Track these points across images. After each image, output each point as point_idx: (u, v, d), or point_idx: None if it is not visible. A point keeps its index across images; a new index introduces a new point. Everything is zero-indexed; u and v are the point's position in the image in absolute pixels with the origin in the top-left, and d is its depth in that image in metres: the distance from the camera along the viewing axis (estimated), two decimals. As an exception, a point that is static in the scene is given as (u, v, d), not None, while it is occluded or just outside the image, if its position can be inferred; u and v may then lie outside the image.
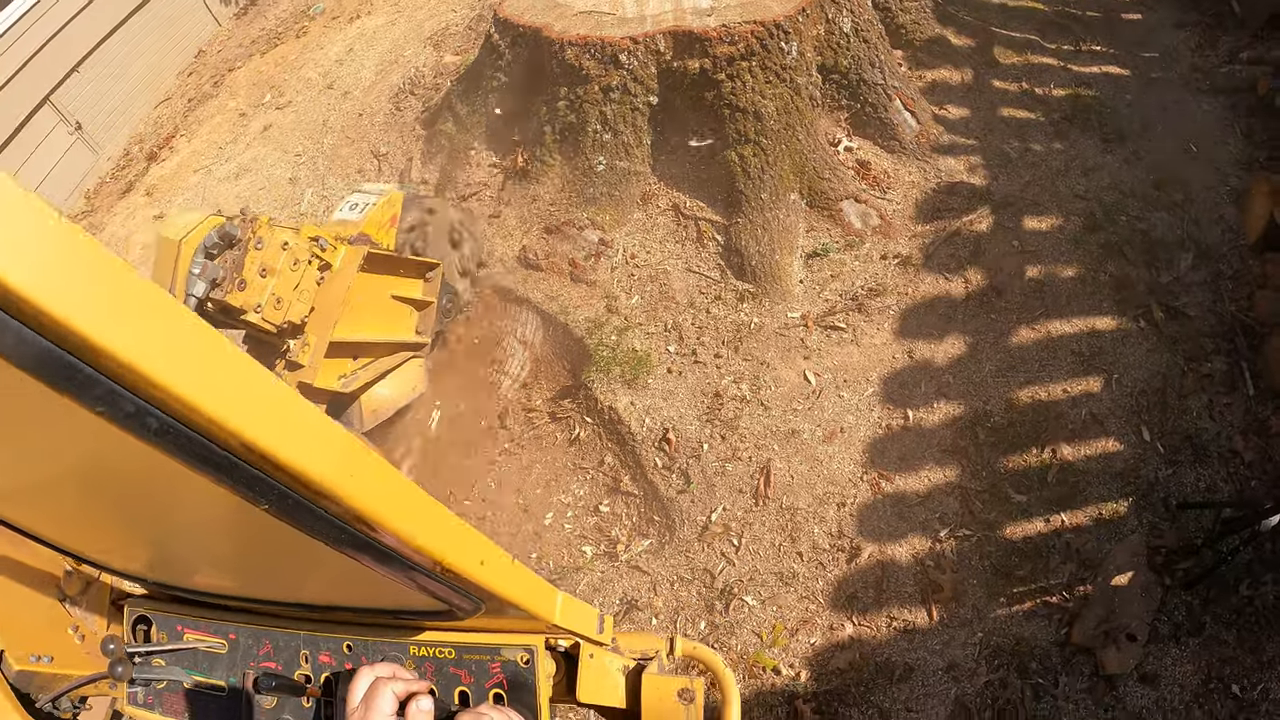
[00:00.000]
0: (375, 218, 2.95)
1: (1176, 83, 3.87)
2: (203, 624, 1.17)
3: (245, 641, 1.13)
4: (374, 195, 3.02)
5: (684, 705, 1.16)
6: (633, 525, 3.00)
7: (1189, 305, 3.27)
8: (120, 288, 0.47)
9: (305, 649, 1.09)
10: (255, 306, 2.57)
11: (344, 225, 2.89)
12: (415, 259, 3.02)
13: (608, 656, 1.18)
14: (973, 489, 2.92)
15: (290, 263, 2.60)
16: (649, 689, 1.17)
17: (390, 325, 3.03)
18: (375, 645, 1.06)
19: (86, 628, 1.35)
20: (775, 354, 3.16)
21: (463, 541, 0.80)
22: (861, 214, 3.39)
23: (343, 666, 1.07)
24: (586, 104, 3.59)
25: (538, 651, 1.03)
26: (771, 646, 2.72)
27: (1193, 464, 2.98)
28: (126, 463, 0.64)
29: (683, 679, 1.18)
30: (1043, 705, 2.66)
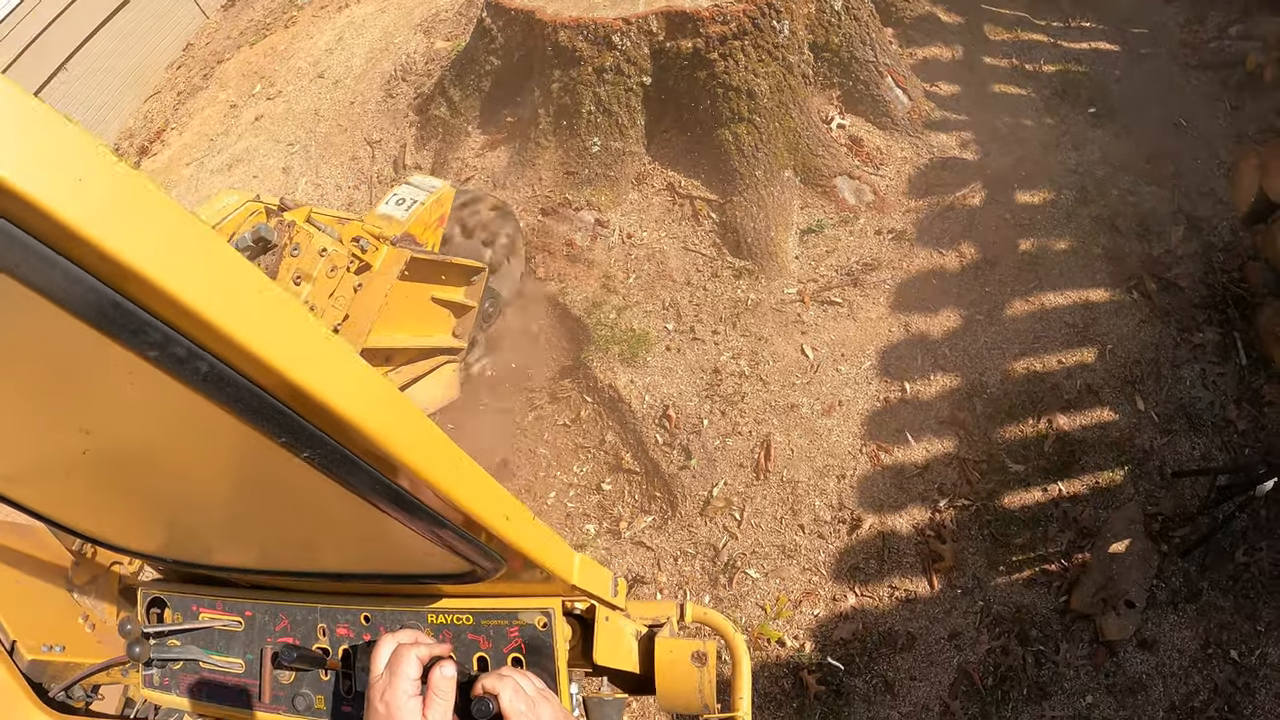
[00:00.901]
0: (423, 217, 2.68)
1: (1165, 58, 3.86)
2: (218, 603, 1.15)
3: (261, 618, 1.12)
4: (423, 191, 2.74)
5: (697, 667, 1.17)
6: (635, 502, 2.98)
7: (1181, 277, 3.27)
8: (172, 227, 0.44)
9: (322, 622, 1.08)
10: None
11: (388, 222, 2.61)
12: (460, 263, 2.75)
13: (622, 620, 1.18)
14: (971, 459, 2.90)
15: (327, 269, 2.36)
16: (662, 651, 1.18)
17: (427, 329, 2.79)
18: (393, 615, 1.04)
19: (96, 616, 1.35)
20: (773, 329, 3.14)
21: (489, 495, 0.79)
22: (855, 190, 3.37)
23: (361, 638, 1.05)
24: (580, 86, 3.55)
25: (555, 614, 1.02)
26: (775, 619, 2.70)
27: (1187, 433, 2.98)
28: (158, 424, 0.64)
29: (696, 642, 1.18)
30: (1044, 671, 2.66)
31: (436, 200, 2.75)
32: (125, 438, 0.71)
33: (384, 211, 2.67)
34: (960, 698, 2.63)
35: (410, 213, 2.65)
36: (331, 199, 4.45)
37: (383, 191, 4.33)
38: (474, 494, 0.76)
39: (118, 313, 0.43)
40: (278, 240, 2.41)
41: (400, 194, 2.73)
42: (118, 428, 0.67)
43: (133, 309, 0.44)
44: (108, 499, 0.96)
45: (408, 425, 0.66)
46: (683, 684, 1.17)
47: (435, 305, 2.77)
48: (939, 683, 2.64)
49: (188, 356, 0.47)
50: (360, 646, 1.05)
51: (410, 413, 0.67)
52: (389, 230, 2.53)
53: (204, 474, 0.80)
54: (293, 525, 0.93)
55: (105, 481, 0.86)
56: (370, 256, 2.43)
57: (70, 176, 0.38)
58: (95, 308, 0.42)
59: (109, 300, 0.42)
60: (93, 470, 0.81)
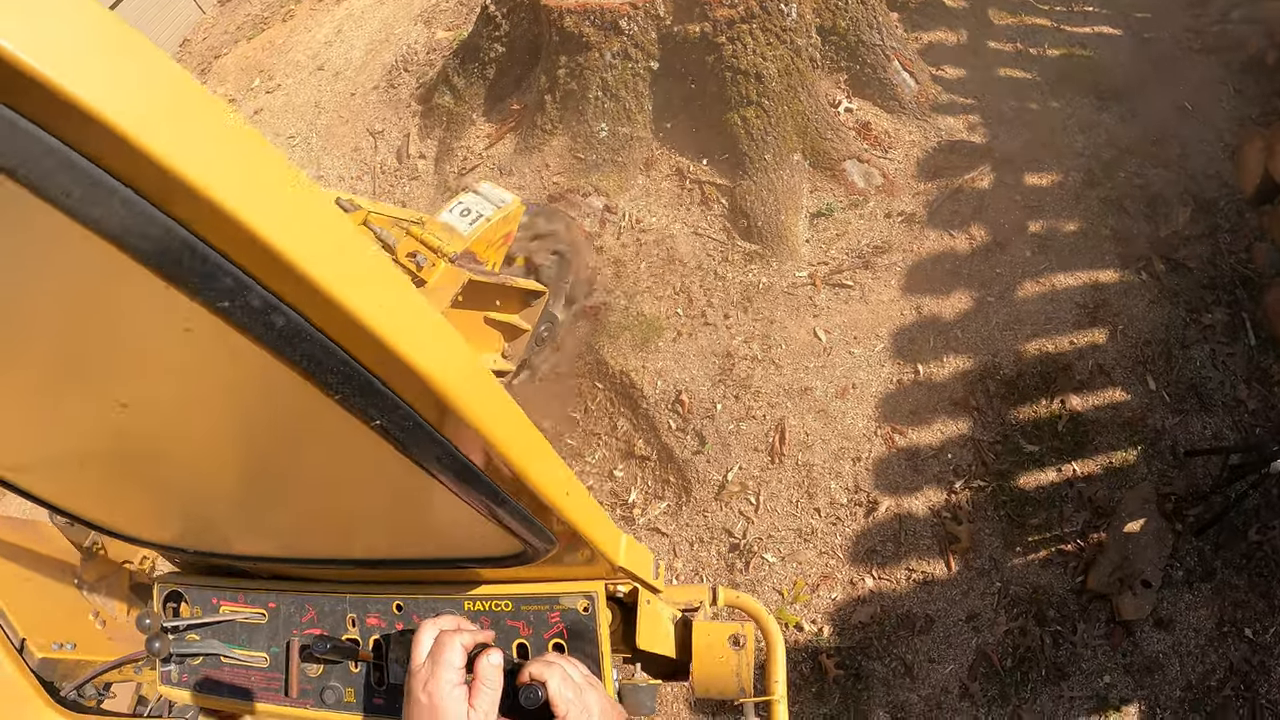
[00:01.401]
0: (487, 234, 2.43)
1: (1169, 42, 3.84)
2: (239, 595, 1.10)
3: (286, 609, 1.06)
4: (490, 205, 2.47)
5: (735, 651, 1.14)
6: (649, 488, 2.93)
7: (1189, 258, 3.25)
8: (251, 155, 0.38)
9: (352, 612, 1.03)
10: None
11: (449, 235, 2.35)
12: (520, 287, 2.53)
13: (660, 604, 1.14)
14: (985, 440, 2.87)
15: None
16: (700, 635, 1.15)
17: (476, 352, 2.44)
18: (428, 603, 1.00)
19: (107, 613, 1.31)
20: (785, 313, 3.10)
21: (555, 469, 0.75)
22: (864, 173, 3.33)
23: (393, 627, 1.01)
24: (587, 71, 3.50)
25: (598, 598, 0.99)
26: (793, 603, 2.66)
27: (1198, 412, 2.96)
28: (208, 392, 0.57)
29: (733, 625, 1.16)
30: (1061, 652, 2.63)
31: (505, 217, 2.49)
32: (165, 412, 0.63)
33: (446, 220, 2.40)
34: (979, 679, 2.60)
35: (474, 227, 2.39)
36: (334, 189, 4.38)
37: (387, 182, 4.27)
38: (542, 468, 0.71)
39: (188, 255, 0.37)
40: None
41: (465, 203, 2.46)
42: (160, 397, 0.60)
43: (205, 250, 0.37)
44: (126, 488, 0.90)
45: (487, 394, 0.61)
46: (721, 668, 1.14)
47: (488, 326, 2.56)
48: (958, 664, 2.61)
49: (263, 308, 0.41)
50: (393, 636, 1.00)
51: (488, 381, 0.62)
52: (449, 245, 2.29)
53: (245, 451, 0.73)
54: (331, 508, 0.88)
55: (126, 469, 0.80)
56: (425, 273, 2.19)
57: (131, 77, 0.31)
58: (160, 247, 0.36)
59: (179, 240, 0.36)
60: (115, 457, 0.74)
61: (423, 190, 3.98)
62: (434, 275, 2.21)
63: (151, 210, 0.35)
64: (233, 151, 0.36)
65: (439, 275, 2.22)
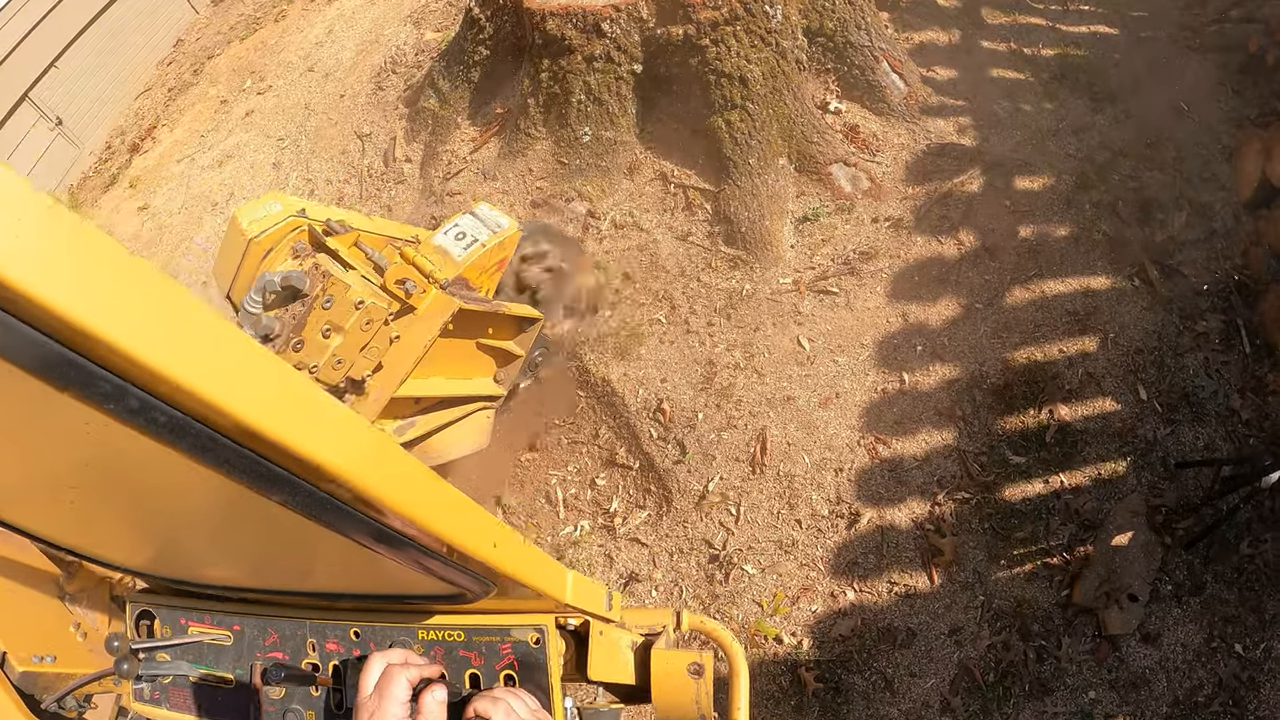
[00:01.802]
0: (481, 260, 2.30)
1: (1166, 41, 3.74)
2: (207, 616, 1.12)
3: (250, 632, 1.09)
4: (486, 230, 2.35)
5: (694, 679, 1.14)
6: (630, 497, 2.88)
7: (1183, 263, 3.16)
8: (122, 275, 0.42)
9: (312, 637, 1.05)
10: (310, 367, 2.02)
11: (442, 258, 2.22)
12: (514, 315, 2.38)
13: (617, 633, 1.15)
14: (970, 451, 2.81)
15: (362, 322, 2.01)
16: (658, 664, 1.15)
17: (466, 375, 2.42)
18: (383, 631, 1.02)
19: (88, 625, 1.30)
20: (768, 320, 3.03)
21: (476, 524, 0.78)
22: (851, 177, 3.25)
23: (351, 654, 1.04)
24: (570, 74, 3.43)
25: (548, 631, 1.01)
26: (773, 615, 2.61)
27: (1190, 422, 2.88)
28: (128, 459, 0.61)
29: (692, 653, 1.15)
30: (1045, 666, 2.57)
31: (500, 243, 2.36)
32: (97, 473, 0.68)
33: (439, 244, 2.28)
34: (961, 694, 2.54)
35: (469, 252, 2.27)
36: (322, 193, 4.34)
37: (375, 185, 4.22)
38: (459, 525, 0.74)
39: (71, 368, 0.41)
40: (309, 290, 2.06)
41: (461, 226, 2.34)
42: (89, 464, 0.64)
43: (83, 363, 0.41)
44: (92, 523, 0.93)
45: (385, 462, 0.64)
46: (679, 696, 1.14)
47: (480, 351, 2.42)
48: (939, 679, 2.56)
49: (142, 408, 0.45)
50: (350, 662, 1.02)
51: (386, 447, 0.64)
52: (441, 271, 2.16)
53: (186, 506, 0.78)
54: (279, 552, 0.91)
55: (85, 505, 0.83)
56: (415, 299, 2.06)
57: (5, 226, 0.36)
58: (39, 361, 0.40)
59: (60, 357, 0.40)
60: (71, 496, 0.78)
61: (408, 195, 3.93)
62: (424, 302, 2.08)
63: (33, 334, 0.39)
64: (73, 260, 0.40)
65: (429, 302, 2.09)
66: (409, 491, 0.66)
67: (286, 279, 2.04)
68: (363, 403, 2.12)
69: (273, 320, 2.06)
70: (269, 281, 2.05)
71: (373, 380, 2.11)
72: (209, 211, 4.59)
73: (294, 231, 2.17)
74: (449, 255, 2.26)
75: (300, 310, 2.07)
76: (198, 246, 4.22)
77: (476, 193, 3.55)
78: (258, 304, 2.05)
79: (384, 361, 2.09)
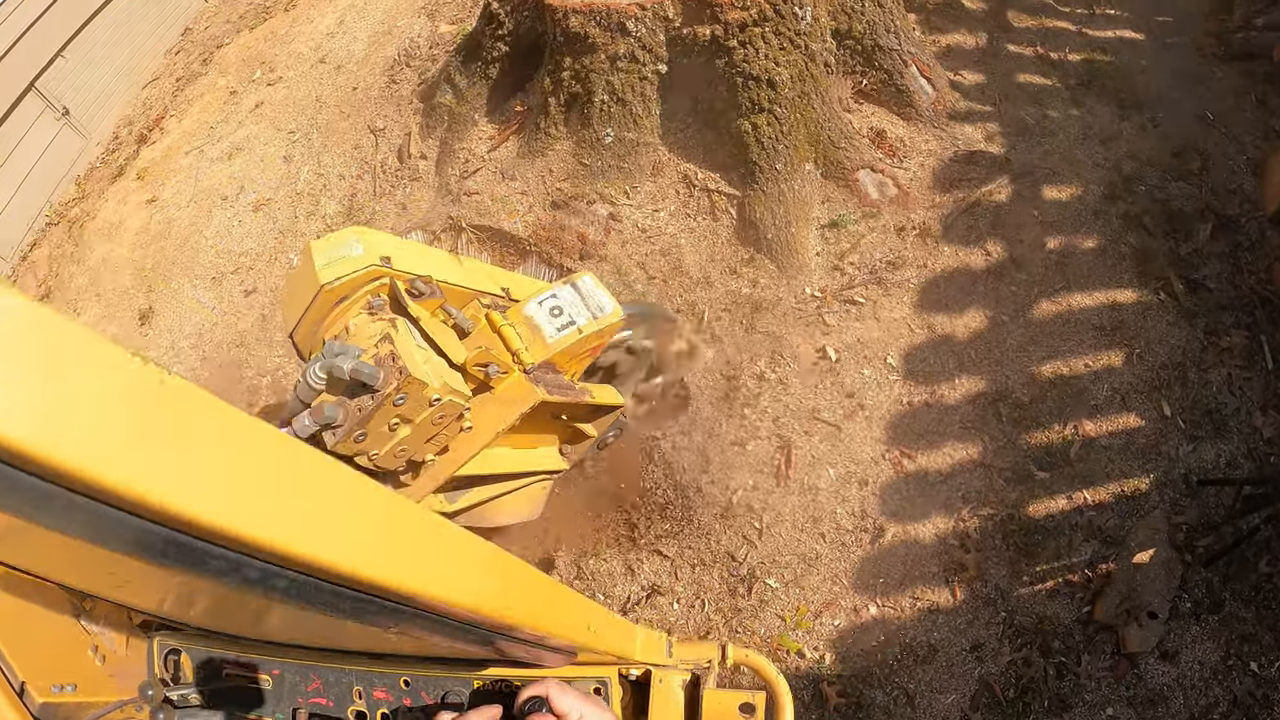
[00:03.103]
0: (574, 348, 2.00)
1: (1191, 48, 3.62)
2: (243, 659, 1.07)
3: (292, 678, 1.03)
4: (588, 310, 2.01)
5: (746, 719, 1.11)
6: (651, 509, 2.80)
7: (1209, 277, 3.07)
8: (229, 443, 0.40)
9: (358, 684, 1.00)
10: (370, 454, 1.79)
11: (532, 335, 1.92)
12: (594, 404, 2.08)
13: (672, 675, 1.13)
14: (995, 466, 2.73)
15: (434, 418, 1.76)
16: (711, 704, 1.12)
17: (533, 447, 2.15)
18: (435, 681, 0.98)
19: (107, 647, 1.22)
20: (793, 330, 2.93)
21: (578, 613, 0.79)
22: (878, 184, 3.14)
23: (401, 702, 0.99)
24: (593, 74, 3.28)
25: (610, 683, 1.00)
26: (795, 629, 2.55)
27: (1213, 439, 2.81)
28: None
29: (744, 693, 1.13)
30: (1065, 683, 2.52)
31: (599, 331, 2.04)
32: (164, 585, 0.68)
33: (531, 315, 1.96)
34: (981, 710, 2.49)
35: (563, 336, 1.96)
36: (334, 189, 4.19)
37: (388, 181, 4.07)
38: (567, 622, 0.75)
39: (176, 550, 0.38)
40: (382, 385, 1.75)
41: (560, 299, 2.00)
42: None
43: (193, 544, 0.39)
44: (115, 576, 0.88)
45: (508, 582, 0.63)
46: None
47: (551, 422, 2.15)
48: (960, 694, 2.50)
49: (262, 577, 0.43)
50: (401, 711, 0.98)
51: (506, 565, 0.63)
52: (529, 352, 1.89)
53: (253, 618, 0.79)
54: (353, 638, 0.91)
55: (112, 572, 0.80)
56: (494, 381, 1.83)
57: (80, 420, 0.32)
58: (147, 547, 0.38)
59: (161, 539, 0.38)
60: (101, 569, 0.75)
61: (424, 192, 3.79)
62: (504, 384, 1.84)
63: (125, 519, 0.35)
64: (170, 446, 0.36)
65: (509, 385, 1.85)
66: (524, 602, 0.65)
67: (356, 371, 1.72)
68: (419, 478, 1.90)
69: (335, 409, 1.76)
70: (336, 366, 1.72)
71: (438, 459, 1.88)
72: (218, 205, 4.43)
73: (373, 282, 1.86)
74: (540, 334, 1.93)
75: (368, 405, 1.76)
76: (204, 306, 4.02)
77: (495, 193, 3.42)
78: (321, 381, 1.77)
79: (450, 445, 1.86)
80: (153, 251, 4.51)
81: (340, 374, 1.72)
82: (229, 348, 3.85)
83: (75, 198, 5.17)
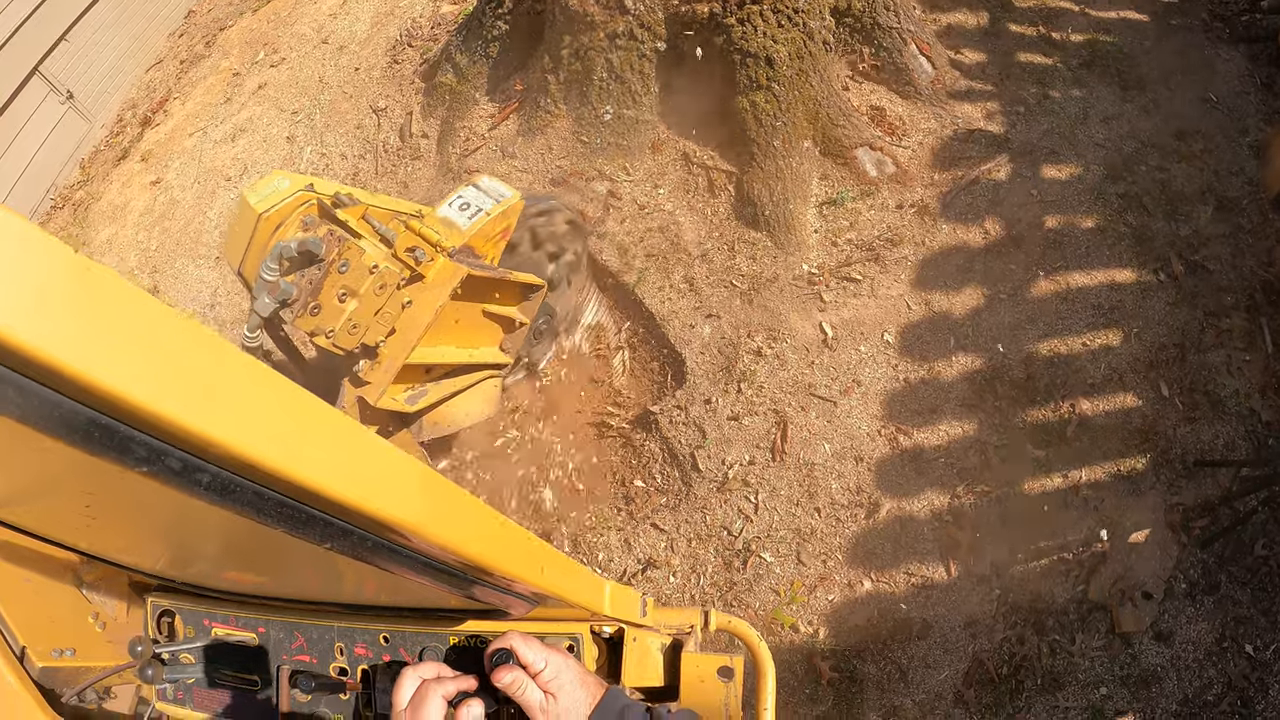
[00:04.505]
0: (486, 229, 2.31)
1: (1196, 30, 3.51)
2: (230, 617, 1.09)
3: (276, 635, 1.05)
4: (490, 199, 2.35)
5: (724, 683, 1.11)
6: (649, 483, 2.74)
7: (1209, 259, 2.98)
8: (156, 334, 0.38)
9: (340, 641, 1.02)
10: (327, 331, 2.06)
11: (448, 229, 2.24)
12: (519, 281, 2.39)
13: (648, 636, 1.12)
14: (991, 444, 2.66)
15: (376, 287, 2.05)
16: (689, 667, 1.11)
17: (474, 343, 2.44)
18: (413, 636, 0.98)
19: (106, 615, 1.24)
20: (790, 306, 2.86)
21: (526, 551, 0.76)
22: (877, 162, 3.05)
23: (380, 658, 1.00)
24: (592, 52, 3.20)
25: (583, 639, 1.00)
26: (790, 604, 2.49)
27: (1211, 421, 2.73)
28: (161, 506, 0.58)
29: (722, 657, 1.11)
30: (1058, 661, 2.46)
31: (504, 212, 2.37)
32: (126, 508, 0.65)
33: (445, 215, 2.30)
34: (974, 686, 2.43)
35: (473, 222, 2.28)
36: (337, 168, 4.12)
37: (390, 161, 4.00)
38: (513, 556, 0.71)
39: (100, 432, 0.37)
40: (325, 254, 2.09)
41: (465, 197, 2.35)
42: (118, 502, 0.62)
43: (116, 427, 0.38)
44: (107, 530, 0.89)
45: (442, 503, 0.60)
46: (709, 698, 1.11)
47: (486, 319, 2.44)
48: (953, 671, 2.45)
49: (184, 469, 0.41)
50: (380, 667, 0.96)
51: (440, 487, 0.60)
52: (448, 239, 2.18)
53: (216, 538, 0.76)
54: (314, 575, 0.89)
55: (105, 525, 0.80)
56: (424, 268, 2.10)
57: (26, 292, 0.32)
58: (71, 429, 0.36)
59: (85, 419, 0.37)
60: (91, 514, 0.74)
61: (425, 171, 3.71)
62: (433, 270, 2.12)
63: (53, 396, 0.35)
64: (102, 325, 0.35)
65: (438, 270, 2.13)
66: (465, 528, 0.62)
67: (303, 244, 2.03)
68: (376, 369, 2.14)
69: (290, 286, 2.07)
70: (285, 248, 2.03)
71: (385, 346, 2.13)
72: (222, 186, 4.36)
73: (303, 205, 2.15)
74: (454, 225, 2.28)
75: (316, 275, 2.07)
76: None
77: (495, 170, 3.34)
78: (274, 270, 2.05)
79: (396, 326, 2.12)
80: (157, 233, 4.45)
81: (289, 253, 2.02)
82: (233, 326, 3.79)
83: (80, 181, 5.11)
